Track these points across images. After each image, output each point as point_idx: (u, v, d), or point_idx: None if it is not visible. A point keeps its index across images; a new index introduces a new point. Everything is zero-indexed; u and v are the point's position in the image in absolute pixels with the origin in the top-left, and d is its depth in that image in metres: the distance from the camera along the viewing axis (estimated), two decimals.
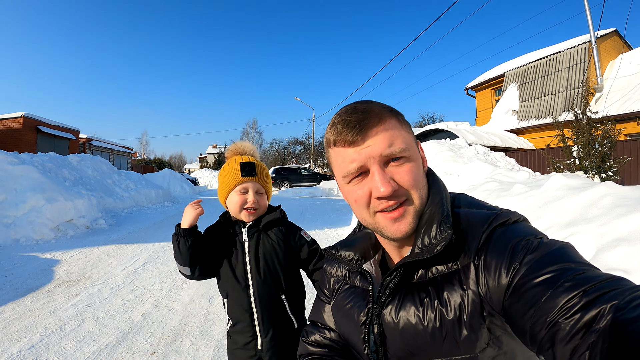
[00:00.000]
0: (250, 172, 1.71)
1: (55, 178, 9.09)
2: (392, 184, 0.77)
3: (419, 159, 0.85)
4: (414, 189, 0.80)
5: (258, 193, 1.74)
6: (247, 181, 1.71)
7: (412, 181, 0.80)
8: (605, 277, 0.59)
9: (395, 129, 0.81)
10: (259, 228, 1.75)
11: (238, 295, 1.70)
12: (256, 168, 1.74)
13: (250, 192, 1.71)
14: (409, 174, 0.79)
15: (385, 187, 0.76)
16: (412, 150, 0.82)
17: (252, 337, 1.69)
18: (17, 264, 5.60)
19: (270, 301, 1.70)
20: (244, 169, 1.70)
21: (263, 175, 1.77)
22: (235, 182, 1.70)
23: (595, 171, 9.50)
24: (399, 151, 0.79)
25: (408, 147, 0.80)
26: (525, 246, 0.69)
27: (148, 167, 45.33)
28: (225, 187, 1.73)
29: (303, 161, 52.05)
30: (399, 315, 0.81)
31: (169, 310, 4.01)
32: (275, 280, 1.72)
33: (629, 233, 3.25)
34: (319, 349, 1.07)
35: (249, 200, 1.70)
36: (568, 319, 0.56)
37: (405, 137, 0.81)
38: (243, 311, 1.69)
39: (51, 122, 23.98)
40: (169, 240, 7.51)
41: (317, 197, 17.64)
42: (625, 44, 19.15)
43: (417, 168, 0.82)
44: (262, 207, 1.75)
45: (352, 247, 0.96)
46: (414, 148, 0.83)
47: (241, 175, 1.69)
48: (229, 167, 1.74)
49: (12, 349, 3.08)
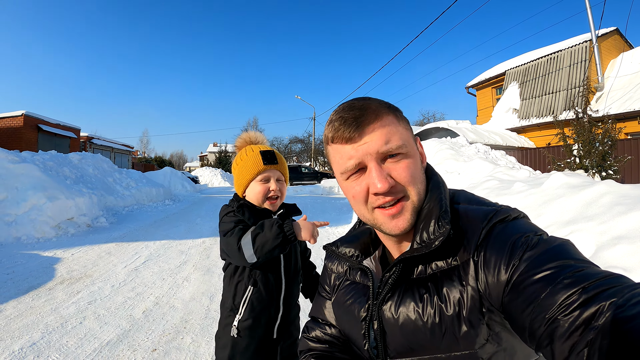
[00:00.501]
0: (272, 160, 1.67)
1: (56, 176, 9.10)
2: (389, 180, 0.78)
3: (417, 155, 0.85)
4: (411, 185, 0.81)
5: (279, 181, 1.71)
6: (269, 169, 1.67)
7: (409, 177, 0.80)
8: (605, 274, 0.59)
9: (392, 125, 0.81)
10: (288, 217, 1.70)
11: (270, 287, 1.64)
12: (276, 155, 1.71)
13: (272, 181, 1.68)
14: (406, 171, 0.80)
15: (382, 184, 0.77)
16: (410, 146, 0.82)
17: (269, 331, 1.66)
18: (18, 262, 5.61)
19: (294, 296, 1.75)
20: (266, 157, 1.66)
21: (283, 163, 1.74)
22: (258, 171, 1.65)
23: (596, 170, 9.50)
24: (396, 148, 0.79)
25: (405, 144, 0.80)
26: (524, 243, 0.69)
27: (149, 165, 45.35)
28: (245, 177, 1.67)
29: (304, 159, 52.10)
30: (398, 311, 0.81)
31: (170, 307, 4.02)
32: (299, 274, 1.77)
33: (629, 231, 3.26)
34: (320, 344, 1.07)
35: (272, 188, 1.67)
36: (567, 315, 0.56)
37: (402, 133, 0.82)
38: (271, 301, 1.64)
39: (52, 120, 23.94)
40: (170, 239, 7.54)
41: (317, 196, 17.63)
42: (626, 43, 19.10)
43: (415, 164, 0.82)
44: (283, 194, 1.73)
45: (352, 244, 0.97)
46: (411, 144, 0.83)
47: (263, 163, 1.65)
48: (247, 156, 1.69)
49: (14, 346, 3.09)
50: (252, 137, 1.81)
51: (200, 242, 7.33)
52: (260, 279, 1.63)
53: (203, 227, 8.92)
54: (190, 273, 5.16)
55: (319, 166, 41.83)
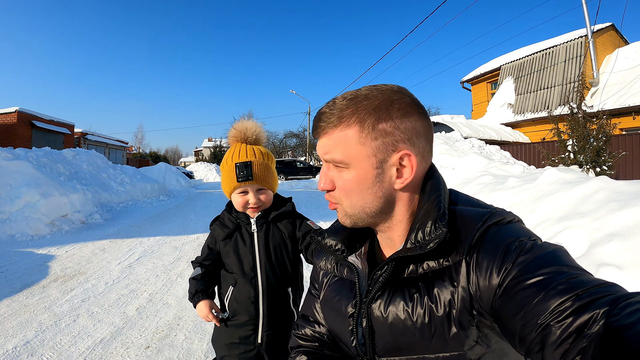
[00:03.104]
0: (247, 177, 1.59)
1: (50, 173, 9.04)
2: (325, 184, 0.85)
3: (370, 171, 0.80)
4: (344, 197, 0.84)
5: (259, 191, 1.66)
6: (245, 185, 1.62)
7: (344, 190, 0.83)
8: (599, 282, 0.58)
9: (343, 138, 0.79)
10: (267, 219, 1.70)
11: (245, 288, 1.66)
12: (254, 167, 1.61)
13: (250, 194, 1.64)
14: (340, 181, 0.83)
15: (319, 185, 0.86)
16: (356, 163, 0.79)
17: (252, 331, 1.67)
18: (12, 259, 5.57)
19: (277, 294, 1.67)
20: (240, 173, 1.59)
21: (262, 174, 1.64)
22: (233, 187, 1.63)
23: (590, 165, 9.56)
24: (338, 160, 0.80)
25: (346, 161, 0.80)
26: (518, 247, 0.69)
27: (143, 161, 45.09)
28: (225, 187, 1.67)
29: (299, 154, 51.96)
30: (387, 310, 0.81)
31: (164, 304, 4.01)
32: (283, 272, 1.70)
33: (622, 228, 3.27)
34: (309, 342, 1.07)
35: (250, 201, 1.64)
36: (559, 322, 0.56)
37: (351, 149, 0.79)
38: (249, 303, 1.65)
39: (46, 116, 23.78)
40: (164, 235, 7.52)
41: (312, 190, 17.62)
42: (621, 39, 19.19)
43: (358, 180, 0.80)
44: (266, 202, 1.69)
45: (338, 235, 0.96)
46: (358, 161, 0.79)
47: (237, 180, 1.60)
48: (227, 165, 1.64)
49: (8, 345, 3.07)
50: (242, 133, 1.71)
51: (194, 237, 7.32)
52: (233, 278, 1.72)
53: (197, 223, 8.91)
54: (184, 269, 5.15)
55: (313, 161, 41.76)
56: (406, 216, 0.84)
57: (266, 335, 1.66)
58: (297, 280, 1.77)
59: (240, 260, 1.68)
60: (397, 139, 0.78)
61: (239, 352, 1.67)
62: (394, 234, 0.86)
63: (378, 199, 0.81)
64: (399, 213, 0.84)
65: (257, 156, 1.65)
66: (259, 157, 1.66)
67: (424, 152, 0.82)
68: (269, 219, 1.71)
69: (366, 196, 0.81)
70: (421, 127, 0.80)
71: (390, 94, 0.79)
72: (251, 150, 1.66)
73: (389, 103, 0.78)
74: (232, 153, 1.66)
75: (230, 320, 1.70)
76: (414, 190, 0.84)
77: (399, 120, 0.78)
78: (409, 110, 0.79)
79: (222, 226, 1.76)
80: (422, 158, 0.82)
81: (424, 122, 0.81)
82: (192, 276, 1.77)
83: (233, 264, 1.69)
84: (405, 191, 0.82)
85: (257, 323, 1.66)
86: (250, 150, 1.66)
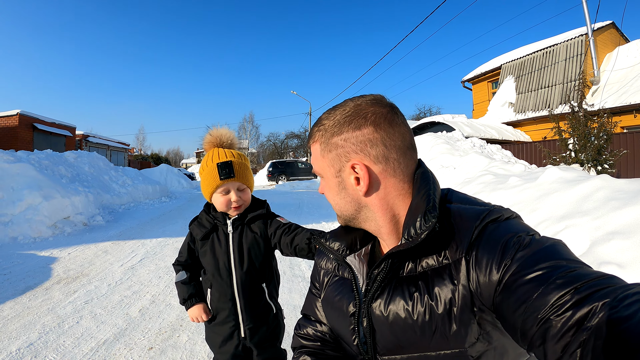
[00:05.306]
0: (229, 174, 1.72)
1: (51, 175, 9.05)
2: (320, 189, 1.02)
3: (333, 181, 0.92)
4: (329, 200, 0.97)
5: (239, 189, 1.77)
6: (227, 182, 1.73)
7: (326, 195, 0.98)
8: (597, 275, 0.59)
9: (314, 152, 0.94)
10: (243, 222, 1.81)
11: (221, 286, 1.78)
12: (234, 166, 1.74)
13: (232, 192, 1.75)
14: (321, 187, 0.99)
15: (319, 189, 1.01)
16: (323, 172, 0.94)
17: (234, 327, 1.79)
18: (15, 262, 5.59)
19: (252, 290, 1.78)
20: (222, 171, 1.71)
21: (242, 172, 1.77)
22: (216, 185, 1.73)
23: (591, 164, 9.54)
24: (315, 170, 0.97)
25: (319, 171, 0.95)
26: (517, 242, 0.69)
27: (145, 162, 45.12)
28: (207, 188, 1.77)
29: (300, 155, 52.02)
30: (388, 309, 0.82)
31: (166, 305, 4.02)
32: (257, 269, 1.79)
33: (623, 226, 3.27)
34: (312, 342, 1.08)
35: (233, 199, 1.74)
36: (559, 316, 0.56)
37: (319, 162, 0.93)
38: (227, 300, 1.77)
39: (47, 119, 23.80)
40: (166, 236, 7.53)
41: (314, 191, 17.63)
42: (622, 37, 19.14)
43: (328, 186, 0.94)
44: (246, 201, 1.81)
45: (341, 237, 0.98)
46: (326, 174, 0.93)
47: (220, 178, 1.71)
48: (208, 167, 1.75)
49: (11, 347, 3.09)
50: (217, 139, 1.85)
51: None
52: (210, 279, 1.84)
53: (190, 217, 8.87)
54: None
55: None
56: (386, 220, 0.87)
57: (248, 329, 1.77)
58: (270, 275, 1.87)
59: (216, 259, 1.79)
60: (348, 150, 0.85)
61: (228, 348, 1.80)
62: (384, 236, 0.90)
63: (349, 204, 0.90)
64: (378, 217, 0.88)
65: (236, 157, 1.79)
66: (237, 157, 1.79)
67: (384, 159, 0.84)
68: (244, 221, 1.81)
69: (339, 201, 0.92)
70: (379, 137, 0.84)
71: (352, 109, 0.87)
72: (229, 152, 1.80)
73: (345, 119, 0.86)
74: (212, 155, 1.78)
75: (215, 319, 1.84)
76: (387, 195, 0.86)
77: (351, 133, 0.85)
78: (362, 123, 0.84)
79: (200, 226, 1.86)
80: (384, 166, 0.85)
81: (385, 132, 0.84)
82: (179, 280, 1.91)
83: (209, 263, 1.81)
84: (375, 197, 0.86)
85: (237, 319, 1.78)
86: (229, 152, 1.79)
